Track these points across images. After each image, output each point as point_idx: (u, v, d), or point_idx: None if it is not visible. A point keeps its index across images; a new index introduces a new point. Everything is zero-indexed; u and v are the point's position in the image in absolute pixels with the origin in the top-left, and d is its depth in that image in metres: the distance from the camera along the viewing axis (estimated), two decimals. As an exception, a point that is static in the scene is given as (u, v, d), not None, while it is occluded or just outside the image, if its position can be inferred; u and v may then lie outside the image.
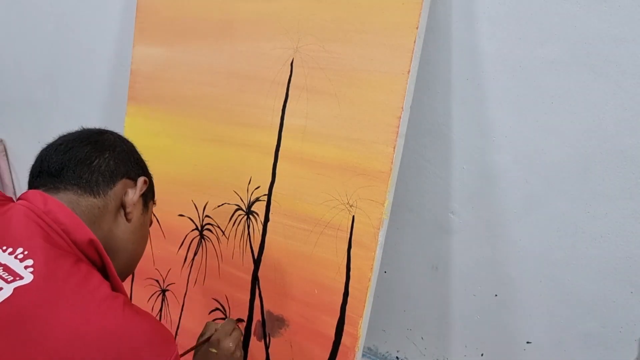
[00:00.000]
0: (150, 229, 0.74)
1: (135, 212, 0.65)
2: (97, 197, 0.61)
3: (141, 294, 1.07)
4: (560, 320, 0.84)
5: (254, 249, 0.91)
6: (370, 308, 0.80)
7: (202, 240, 0.98)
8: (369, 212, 0.78)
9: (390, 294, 1.00)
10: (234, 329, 0.78)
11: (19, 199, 0.59)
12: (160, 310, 1.04)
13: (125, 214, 0.64)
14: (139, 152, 0.72)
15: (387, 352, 1.04)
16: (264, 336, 0.90)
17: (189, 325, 1.00)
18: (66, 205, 0.57)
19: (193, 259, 0.99)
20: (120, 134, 0.71)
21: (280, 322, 0.88)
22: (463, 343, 0.95)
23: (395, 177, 0.77)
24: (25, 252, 0.52)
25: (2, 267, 0.51)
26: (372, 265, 0.78)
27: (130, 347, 0.50)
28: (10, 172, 1.58)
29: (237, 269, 0.93)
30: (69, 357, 0.47)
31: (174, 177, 1.03)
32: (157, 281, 1.05)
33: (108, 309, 0.51)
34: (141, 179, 0.66)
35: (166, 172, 1.04)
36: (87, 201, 0.60)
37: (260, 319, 0.90)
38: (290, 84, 0.85)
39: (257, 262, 0.90)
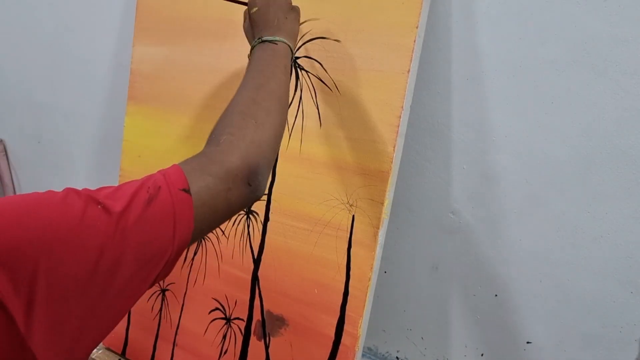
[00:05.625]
0: None
1: None
2: None
3: (141, 293, 1.07)
4: (560, 320, 0.84)
5: (253, 248, 0.91)
6: (370, 308, 0.80)
7: (202, 239, 0.98)
8: (369, 212, 0.78)
9: (390, 294, 1.00)
10: None
11: None
12: (160, 310, 1.04)
13: None
14: None
15: (387, 352, 1.04)
16: (264, 336, 0.90)
17: (189, 325, 0.99)
18: None
19: (193, 258, 0.99)
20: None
21: (280, 321, 0.88)
22: (463, 343, 0.95)
23: (395, 177, 0.77)
24: None
25: None
26: (372, 265, 0.78)
27: None
28: (10, 172, 1.57)
29: (237, 268, 0.93)
30: None
31: (174, 176, 1.02)
32: (157, 281, 1.05)
33: None
34: None
35: (166, 172, 1.03)
36: None
37: (260, 319, 0.90)
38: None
39: (257, 261, 0.90)
